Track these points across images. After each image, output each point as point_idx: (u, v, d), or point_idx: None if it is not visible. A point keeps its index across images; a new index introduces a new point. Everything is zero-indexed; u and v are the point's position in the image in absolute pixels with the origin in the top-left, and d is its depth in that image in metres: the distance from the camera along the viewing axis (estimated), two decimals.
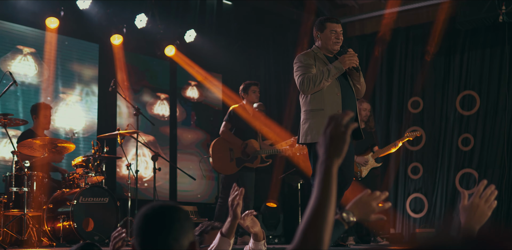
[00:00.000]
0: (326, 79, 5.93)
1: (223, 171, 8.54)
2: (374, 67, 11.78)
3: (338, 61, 6.01)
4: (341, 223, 2.63)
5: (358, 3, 12.16)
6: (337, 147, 2.12)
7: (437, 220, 10.71)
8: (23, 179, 7.06)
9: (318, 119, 5.96)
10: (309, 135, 6.02)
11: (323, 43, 6.21)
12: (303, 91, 6.03)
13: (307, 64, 6.08)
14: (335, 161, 2.10)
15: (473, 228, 2.57)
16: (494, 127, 10.55)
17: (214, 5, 11.00)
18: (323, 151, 2.13)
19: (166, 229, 2.35)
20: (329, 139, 2.13)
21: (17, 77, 7.87)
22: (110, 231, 7.36)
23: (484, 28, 10.66)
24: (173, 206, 2.44)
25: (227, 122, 8.53)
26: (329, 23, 6.19)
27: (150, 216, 2.39)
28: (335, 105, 6.00)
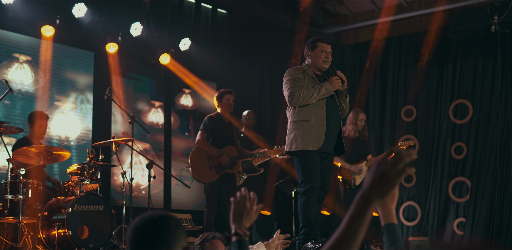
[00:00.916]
0: (315, 97, 6.27)
1: (204, 179, 8.60)
2: (368, 76, 11.85)
3: (328, 82, 6.35)
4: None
5: (352, 12, 12.24)
6: (384, 188, 2.05)
7: (430, 228, 10.76)
8: (18, 187, 7.08)
9: (303, 129, 6.29)
10: (294, 144, 6.33)
11: (313, 61, 6.54)
12: (291, 103, 6.33)
13: (296, 79, 6.38)
14: (376, 201, 2.05)
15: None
16: (486, 135, 10.63)
17: (208, 14, 11.06)
18: (368, 184, 2.06)
19: (159, 239, 2.41)
20: (380, 176, 2.05)
21: (13, 85, 7.90)
22: (105, 238, 7.41)
23: (477, 37, 10.75)
24: (162, 215, 2.49)
25: (203, 132, 8.65)
26: (320, 43, 6.55)
27: (141, 228, 2.45)
28: (320, 117, 6.33)
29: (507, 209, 10.17)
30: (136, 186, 10.41)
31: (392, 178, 2.03)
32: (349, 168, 8.88)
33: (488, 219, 10.27)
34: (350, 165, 8.89)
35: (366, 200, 2.03)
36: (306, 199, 6.30)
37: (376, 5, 11.82)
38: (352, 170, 8.88)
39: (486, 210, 10.31)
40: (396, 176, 2.02)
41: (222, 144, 8.61)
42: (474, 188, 10.51)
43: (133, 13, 10.11)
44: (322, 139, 6.32)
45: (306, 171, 6.32)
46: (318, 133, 6.30)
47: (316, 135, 6.28)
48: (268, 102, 11.95)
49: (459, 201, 10.63)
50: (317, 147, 6.27)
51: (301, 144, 6.27)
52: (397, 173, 2.03)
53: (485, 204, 10.35)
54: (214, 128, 8.61)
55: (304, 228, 6.27)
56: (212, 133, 8.62)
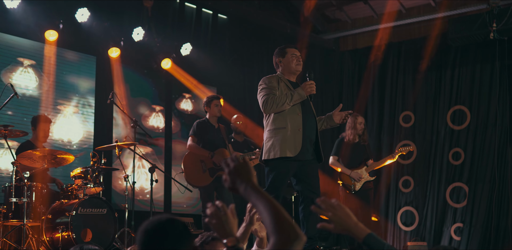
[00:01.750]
0: (288, 103, 6.34)
1: (198, 183, 8.68)
2: (366, 81, 11.95)
3: (300, 88, 6.42)
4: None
5: (351, 18, 12.33)
6: (246, 173, 2.56)
7: (428, 233, 10.84)
8: (22, 190, 7.14)
9: (280, 137, 6.36)
10: (272, 152, 6.39)
11: (285, 68, 6.62)
12: (265, 110, 6.40)
13: (271, 87, 6.45)
14: (253, 180, 2.55)
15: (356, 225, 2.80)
16: (484, 141, 10.72)
17: (209, 19, 11.14)
18: (239, 182, 2.55)
19: (167, 241, 2.57)
20: (235, 172, 2.57)
21: (18, 89, 7.95)
22: (108, 241, 7.48)
23: (475, 44, 10.85)
24: (170, 219, 2.65)
25: (193, 137, 8.76)
26: (289, 48, 6.65)
27: (150, 230, 2.60)
28: (296, 124, 6.40)
29: (504, 215, 10.25)
30: (140, 190, 10.48)
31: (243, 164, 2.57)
32: (349, 173, 8.95)
33: (486, 224, 10.35)
34: (351, 171, 8.95)
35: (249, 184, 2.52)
36: None
37: (375, 11, 11.92)
38: (352, 176, 8.94)
39: (483, 215, 10.39)
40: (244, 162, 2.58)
41: (212, 148, 8.70)
42: (471, 193, 10.60)
43: (135, 18, 10.19)
44: (299, 145, 6.37)
45: (274, 181, 6.39)
46: (295, 139, 6.35)
47: (293, 141, 6.33)
48: None
49: (457, 207, 10.71)
50: (294, 153, 6.32)
51: (279, 151, 6.33)
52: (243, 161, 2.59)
53: (483, 209, 10.44)
54: (203, 132, 8.72)
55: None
56: (202, 138, 8.73)
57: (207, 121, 8.85)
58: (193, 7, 10.91)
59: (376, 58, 11.74)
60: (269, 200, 2.44)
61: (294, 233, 2.36)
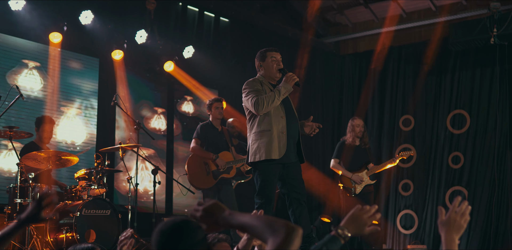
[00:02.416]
0: (278, 98, 6.41)
1: (201, 185, 8.75)
2: (367, 85, 12.02)
3: (284, 81, 6.51)
4: (337, 238, 2.90)
5: (352, 22, 12.39)
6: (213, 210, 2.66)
7: (427, 236, 10.90)
8: (27, 191, 7.20)
9: (265, 139, 6.42)
10: (258, 154, 6.46)
11: (266, 72, 6.70)
12: (258, 111, 6.42)
13: (256, 89, 6.54)
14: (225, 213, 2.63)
15: (453, 238, 2.91)
16: (483, 145, 10.79)
17: (211, 22, 11.20)
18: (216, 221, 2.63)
19: (182, 242, 2.63)
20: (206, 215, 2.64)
21: (23, 91, 8.00)
22: (112, 242, 7.54)
23: (475, 49, 10.91)
24: (184, 220, 2.71)
25: (196, 139, 8.85)
26: (269, 52, 6.72)
27: (165, 231, 2.66)
28: (280, 127, 6.48)
29: (504, 218, 10.31)
30: (144, 191, 10.54)
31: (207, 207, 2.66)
32: (351, 176, 9.00)
33: (485, 228, 10.40)
34: (352, 174, 9.00)
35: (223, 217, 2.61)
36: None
37: (376, 15, 11.99)
38: (353, 179, 8.99)
39: (482, 219, 10.45)
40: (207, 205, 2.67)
41: (216, 150, 8.78)
42: (471, 197, 10.66)
43: (138, 21, 10.24)
44: (283, 148, 6.44)
45: (263, 184, 6.46)
46: (280, 142, 6.42)
47: (277, 144, 6.41)
48: None
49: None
50: (279, 156, 6.39)
51: (264, 154, 6.40)
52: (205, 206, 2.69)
53: (482, 213, 10.49)
54: (206, 135, 8.80)
55: None
56: (205, 141, 8.81)
57: (210, 124, 8.93)
58: (195, 10, 10.96)
59: (377, 65, 11.80)
60: (246, 215, 2.53)
61: (289, 226, 2.39)
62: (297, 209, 6.46)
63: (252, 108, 6.47)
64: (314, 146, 12.14)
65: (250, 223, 2.49)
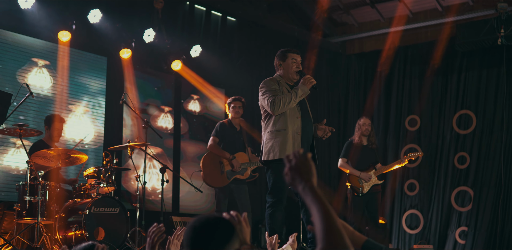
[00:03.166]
0: (294, 100, 6.48)
1: (214, 184, 8.76)
2: (373, 85, 12.04)
3: (301, 83, 6.58)
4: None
5: (358, 22, 12.41)
6: (307, 172, 2.41)
7: (432, 236, 10.92)
8: (37, 188, 7.22)
9: (280, 138, 6.48)
10: (271, 153, 6.52)
11: (284, 72, 6.76)
12: (274, 111, 6.49)
13: (273, 89, 6.58)
14: (313, 181, 2.39)
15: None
16: (489, 146, 10.80)
17: (218, 21, 11.23)
18: (298, 181, 2.40)
19: (214, 240, 2.61)
20: (297, 169, 2.42)
21: (33, 89, 8.03)
22: (120, 240, 7.57)
23: (482, 49, 10.93)
24: (218, 218, 2.70)
25: (214, 137, 8.83)
26: (290, 53, 6.78)
27: (199, 228, 2.64)
28: (295, 127, 6.55)
29: (510, 219, 10.32)
30: (152, 190, 10.56)
31: (303, 162, 2.43)
32: (359, 175, 9.00)
33: (491, 228, 10.42)
34: (360, 172, 9.02)
35: (307, 186, 2.38)
36: (272, 211, 6.50)
37: (382, 15, 12.01)
38: (362, 177, 9.00)
39: (488, 219, 10.47)
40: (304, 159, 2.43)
41: (232, 150, 8.78)
42: (476, 197, 10.68)
43: (146, 20, 10.28)
44: (298, 148, 6.48)
45: (276, 183, 6.50)
46: (295, 142, 6.48)
47: (292, 144, 6.45)
48: None
49: (462, 210, 10.79)
50: None
51: (278, 153, 6.44)
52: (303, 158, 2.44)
53: (488, 213, 10.51)
54: (224, 134, 8.80)
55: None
56: (223, 139, 8.80)
57: (229, 122, 8.94)
58: (203, 9, 11.00)
59: (384, 68, 11.83)
60: (323, 205, 2.35)
61: (342, 244, 2.29)
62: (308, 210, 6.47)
63: (268, 108, 6.51)
64: (319, 146, 12.16)
65: (315, 213, 2.36)
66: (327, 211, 2.33)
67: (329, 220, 2.31)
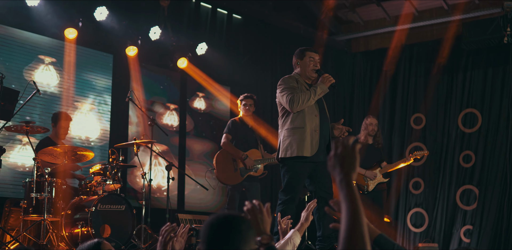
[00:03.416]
0: (313, 98, 6.51)
1: (228, 181, 8.75)
2: (378, 83, 12.04)
3: (320, 82, 6.61)
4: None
5: (363, 20, 12.41)
6: (350, 164, 2.35)
7: (437, 235, 10.92)
8: (43, 185, 7.25)
9: (298, 136, 6.49)
10: (289, 150, 6.53)
11: (302, 70, 6.78)
12: (292, 109, 6.51)
13: (292, 87, 6.61)
14: (352, 176, 2.35)
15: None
16: (495, 144, 10.79)
17: (224, 19, 11.24)
18: (338, 171, 2.35)
19: (231, 240, 2.58)
20: (341, 158, 2.36)
21: (40, 86, 8.05)
22: (126, 237, 7.60)
23: (488, 48, 10.92)
24: (237, 217, 2.66)
25: (227, 134, 8.82)
26: (308, 52, 6.80)
27: (216, 225, 2.61)
28: (313, 125, 6.57)
29: None
30: (157, 187, 10.59)
31: (350, 154, 2.35)
32: (364, 173, 9.02)
33: (496, 227, 10.42)
34: (365, 170, 9.03)
35: (346, 180, 2.33)
36: (284, 208, 6.51)
37: (388, 13, 12.00)
38: (367, 175, 9.01)
39: (493, 218, 10.46)
40: (352, 151, 2.36)
41: (245, 147, 8.77)
42: (481, 196, 10.67)
43: (152, 18, 10.30)
44: (316, 146, 6.52)
45: (290, 181, 6.52)
46: (313, 140, 6.50)
47: (310, 141, 6.47)
48: None
49: (467, 209, 10.79)
50: (311, 153, 6.46)
51: (296, 150, 6.46)
52: (352, 149, 2.37)
53: (493, 212, 10.50)
54: (236, 131, 8.79)
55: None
56: (235, 136, 8.79)
57: (240, 120, 8.94)
58: (209, 7, 11.01)
59: (390, 68, 11.82)
60: (355, 205, 2.31)
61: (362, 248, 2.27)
62: (322, 208, 6.50)
63: (286, 105, 6.54)
64: None
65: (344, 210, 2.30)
66: (356, 212, 2.29)
67: (356, 222, 2.28)
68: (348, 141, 2.39)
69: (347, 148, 2.37)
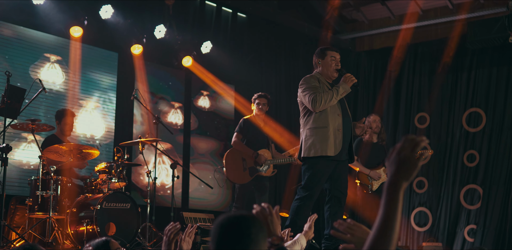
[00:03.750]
0: (335, 97, 6.52)
1: (237, 180, 8.73)
2: (382, 82, 12.03)
3: (342, 81, 6.63)
4: None
5: (368, 19, 12.40)
6: (408, 171, 2.21)
7: (441, 234, 10.92)
8: (49, 183, 7.27)
9: (321, 136, 6.50)
10: (313, 150, 6.54)
11: (323, 70, 6.77)
12: (315, 108, 6.51)
13: (314, 86, 6.61)
14: (404, 184, 2.21)
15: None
16: (499, 144, 10.79)
17: (229, 18, 11.25)
18: (393, 172, 2.22)
19: (242, 240, 2.53)
20: (402, 161, 2.21)
21: (46, 84, 8.06)
22: (131, 235, 7.61)
23: (492, 47, 10.91)
24: (247, 217, 2.62)
25: (238, 133, 8.79)
26: (329, 51, 6.80)
27: (226, 226, 2.57)
28: (336, 124, 6.58)
29: None
30: (161, 185, 10.60)
31: (414, 161, 2.20)
32: (368, 173, 9.00)
33: (499, 226, 10.42)
34: (370, 170, 9.01)
35: (396, 186, 2.20)
36: (300, 204, 6.52)
37: (392, 12, 12.00)
38: (371, 176, 9.00)
39: (497, 217, 10.46)
40: (415, 158, 2.20)
41: (255, 147, 8.74)
42: (485, 195, 10.67)
43: (157, 16, 10.31)
44: (339, 145, 6.53)
45: (311, 179, 6.51)
46: (336, 139, 6.51)
47: (333, 141, 6.48)
48: (284, 105, 12.12)
49: (471, 208, 10.79)
50: (334, 153, 6.47)
51: (319, 150, 6.47)
52: (416, 156, 2.20)
53: (497, 211, 10.50)
54: (248, 130, 8.76)
55: (286, 229, 6.40)
56: (246, 135, 8.78)
57: (253, 118, 8.89)
58: (213, 5, 11.02)
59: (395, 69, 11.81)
60: (394, 213, 2.20)
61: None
62: (334, 207, 6.53)
63: (308, 105, 6.53)
64: None
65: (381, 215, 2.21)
66: (391, 219, 2.21)
67: (388, 230, 2.20)
68: (419, 141, 2.23)
69: (411, 153, 2.21)
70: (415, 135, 2.21)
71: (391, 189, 2.21)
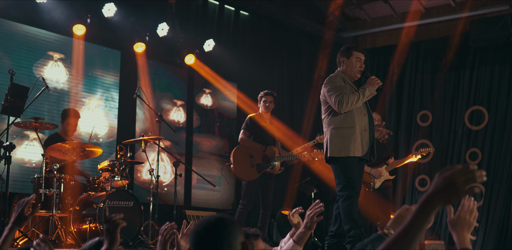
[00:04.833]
0: (361, 100, 6.46)
1: (244, 177, 8.74)
2: (385, 80, 12.03)
3: (368, 84, 6.57)
4: (383, 237, 2.95)
5: (370, 17, 12.41)
6: (448, 199, 2.08)
7: (443, 232, 10.92)
8: (52, 181, 7.29)
9: (348, 136, 6.45)
10: (342, 150, 6.47)
11: (347, 69, 6.69)
12: (340, 110, 6.44)
13: (339, 86, 6.53)
14: (438, 207, 2.11)
15: (465, 236, 2.83)
16: (501, 142, 10.79)
17: (231, 16, 11.26)
18: (435, 192, 2.09)
19: (219, 239, 2.64)
20: (450, 187, 2.07)
21: (49, 82, 8.08)
22: (134, 234, 7.61)
23: (495, 45, 10.91)
24: (219, 218, 2.70)
25: (245, 130, 8.80)
26: (355, 52, 6.70)
27: (201, 232, 2.67)
28: (363, 124, 6.54)
29: None
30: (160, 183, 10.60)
31: (459, 190, 2.05)
32: (369, 171, 9.00)
33: (502, 224, 10.43)
34: (371, 168, 9.00)
35: (431, 204, 2.10)
36: (350, 203, 6.44)
37: (395, 10, 12.01)
38: (372, 174, 8.99)
39: (499, 215, 10.47)
40: (464, 190, 2.05)
41: (262, 144, 8.75)
42: (488, 193, 10.68)
43: (159, 14, 10.33)
44: (366, 145, 6.51)
45: (349, 177, 6.45)
46: (363, 139, 6.48)
47: (361, 141, 6.46)
48: (286, 103, 12.14)
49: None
50: (362, 153, 6.46)
51: (348, 150, 6.43)
52: (466, 188, 2.06)
53: (499, 209, 10.51)
54: (254, 127, 8.77)
55: (352, 230, 6.36)
56: (253, 133, 8.78)
57: (259, 116, 8.89)
58: (216, 3, 11.04)
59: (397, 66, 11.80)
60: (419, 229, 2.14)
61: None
62: None
63: (334, 106, 6.47)
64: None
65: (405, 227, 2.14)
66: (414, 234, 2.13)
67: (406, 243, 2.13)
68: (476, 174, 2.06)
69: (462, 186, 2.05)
70: (477, 167, 2.08)
71: (424, 206, 2.12)
